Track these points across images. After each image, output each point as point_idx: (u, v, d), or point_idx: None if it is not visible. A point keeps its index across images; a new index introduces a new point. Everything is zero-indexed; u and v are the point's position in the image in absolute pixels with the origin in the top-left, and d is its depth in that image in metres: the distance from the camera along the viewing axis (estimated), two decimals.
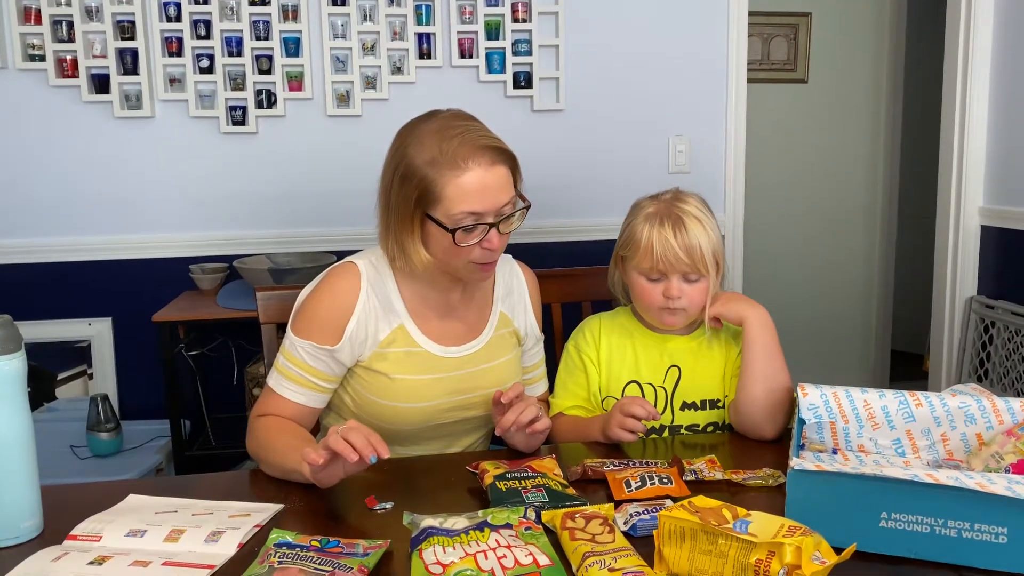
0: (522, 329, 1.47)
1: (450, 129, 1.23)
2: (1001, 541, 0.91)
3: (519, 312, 1.47)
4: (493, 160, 1.23)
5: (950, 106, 2.74)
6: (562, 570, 0.89)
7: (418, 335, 1.34)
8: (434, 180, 1.21)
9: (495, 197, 1.23)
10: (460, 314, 1.39)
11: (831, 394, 1.19)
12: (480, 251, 1.26)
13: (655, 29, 2.80)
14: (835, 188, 3.94)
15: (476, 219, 1.23)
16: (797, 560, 0.81)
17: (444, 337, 1.36)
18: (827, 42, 3.83)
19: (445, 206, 1.22)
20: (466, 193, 1.21)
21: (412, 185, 1.22)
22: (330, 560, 0.90)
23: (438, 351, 1.35)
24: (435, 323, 1.36)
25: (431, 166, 1.21)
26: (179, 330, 2.44)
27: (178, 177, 2.64)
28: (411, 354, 1.34)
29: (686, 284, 1.39)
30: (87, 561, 0.95)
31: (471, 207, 1.21)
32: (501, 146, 1.25)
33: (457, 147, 1.20)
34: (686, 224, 1.37)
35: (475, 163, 1.21)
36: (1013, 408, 1.13)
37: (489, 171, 1.22)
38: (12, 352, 1.00)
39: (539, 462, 1.19)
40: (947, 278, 2.80)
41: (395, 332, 1.33)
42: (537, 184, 2.74)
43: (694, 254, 1.36)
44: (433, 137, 1.22)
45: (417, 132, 1.25)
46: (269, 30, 2.60)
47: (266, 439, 1.26)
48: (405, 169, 1.23)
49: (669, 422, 1.45)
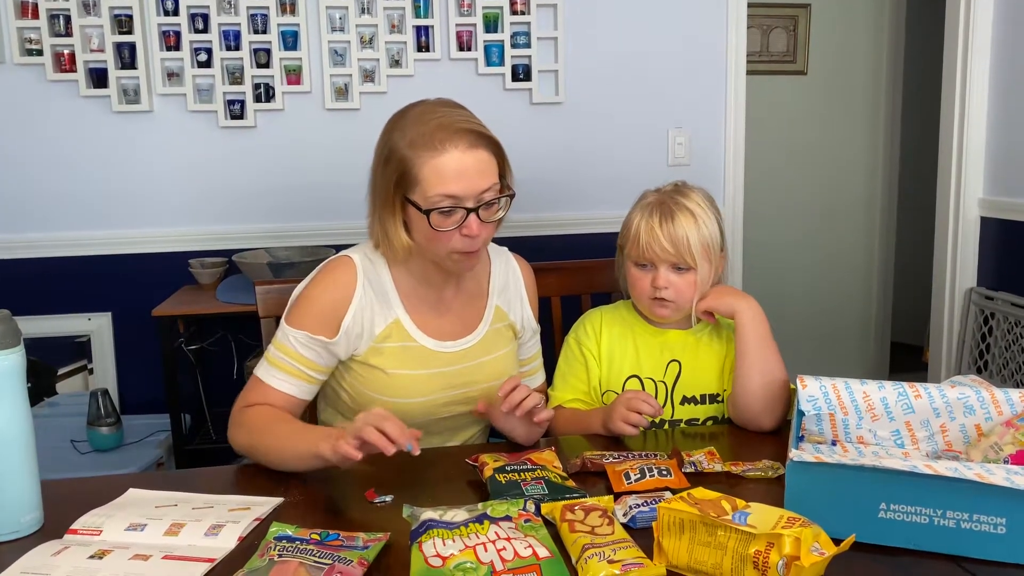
0: (518, 323, 1.47)
1: (431, 113, 1.23)
2: (1000, 532, 0.91)
3: (515, 306, 1.47)
4: (472, 143, 1.21)
5: (950, 97, 2.74)
6: (561, 562, 0.89)
7: (413, 330, 1.34)
8: (412, 162, 1.21)
9: (473, 181, 1.21)
10: (455, 309, 1.39)
11: (830, 386, 1.19)
12: (460, 238, 1.24)
13: (654, 21, 2.79)
14: (835, 180, 3.93)
15: (454, 203, 1.21)
16: (796, 551, 0.82)
17: (439, 332, 1.36)
18: (826, 34, 3.82)
19: (422, 188, 1.21)
20: (442, 175, 1.20)
21: (392, 167, 1.23)
22: (330, 553, 0.90)
23: (434, 346, 1.35)
24: (430, 318, 1.36)
25: (410, 148, 1.21)
26: (179, 324, 2.43)
27: (177, 171, 2.64)
28: (407, 349, 1.33)
29: (674, 275, 1.40)
30: (87, 555, 0.95)
31: (447, 190, 1.20)
32: (482, 130, 1.24)
33: (435, 129, 1.20)
34: (675, 215, 1.39)
35: (452, 145, 1.20)
36: (1012, 399, 1.13)
37: (467, 154, 1.21)
38: (11, 347, 1.00)
39: (538, 455, 1.19)
40: (947, 269, 2.80)
41: (391, 326, 1.33)
42: (536, 177, 2.78)
43: (679, 244, 1.38)
44: (415, 121, 1.23)
45: (403, 117, 1.26)
46: (267, 23, 2.59)
47: (263, 426, 1.24)
48: (388, 152, 1.24)
49: (669, 416, 1.45)
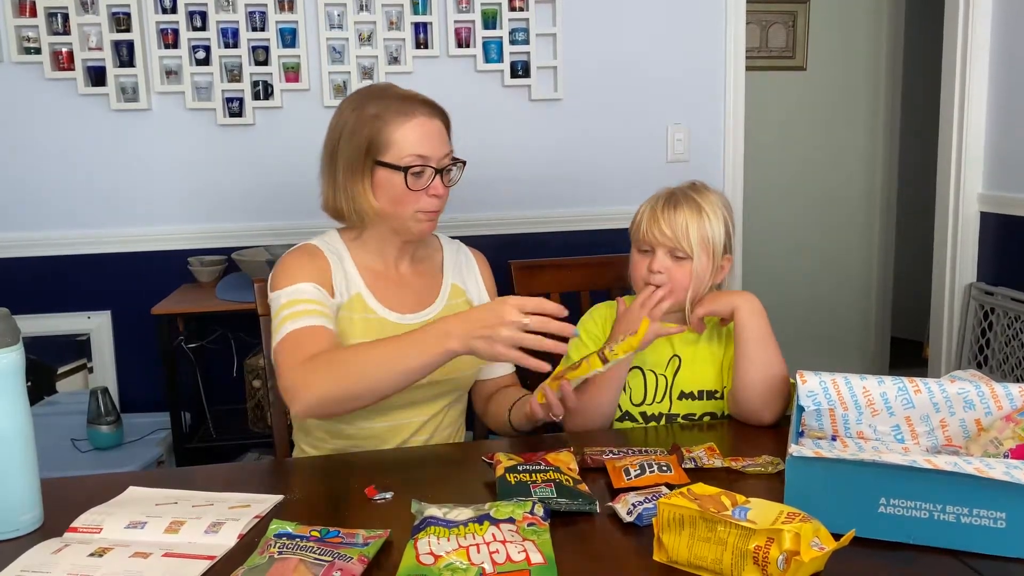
0: (476, 301, 1.51)
1: (388, 91, 1.37)
2: (1000, 526, 0.91)
3: (471, 286, 1.53)
4: (431, 113, 1.36)
5: (949, 92, 2.74)
6: (554, 570, 0.88)
7: (374, 302, 1.40)
8: (381, 128, 1.32)
9: (438, 145, 1.35)
10: (411, 285, 1.45)
11: (830, 381, 1.19)
12: (427, 199, 1.35)
13: (653, 17, 2.78)
14: (834, 175, 3.93)
15: (423, 162, 1.33)
16: (796, 546, 0.82)
17: (400, 305, 1.42)
18: (826, 29, 3.81)
19: (395, 150, 1.33)
20: (414, 136, 1.33)
21: (362, 136, 1.33)
22: (330, 550, 0.90)
23: (394, 318, 1.40)
24: (390, 292, 1.42)
25: (377, 119, 1.33)
26: (178, 323, 2.43)
27: (176, 170, 2.64)
28: (368, 320, 1.38)
29: (670, 262, 1.42)
30: (87, 553, 0.95)
31: (418, 150, 1.33)
32: (436, 104, 1.39)
33: (401, 101, 1.35)
34: (680, 204, 1.43)
35: (419, 111, 1.34)
36: (1012, 394, 1.13)
37: (430, 120, 1.35)
38: (9, 345, 1.00)
39: (555, 455, 1.16)
40: (946, 265, 2.80)
41: (352, 299, 1.39)
42: (535, 173, 2.78)
43: (677, 229, 1.40)
44: (373, 98, 1.35)
45: (353, 101, 1.37)
46: (265, 21, 2.58)
47: (353, 356, 1.20)
48: (353, 127, 1.34)
49: (667, 411, 1.45)
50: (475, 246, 1.60)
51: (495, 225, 2.72)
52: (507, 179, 2.74)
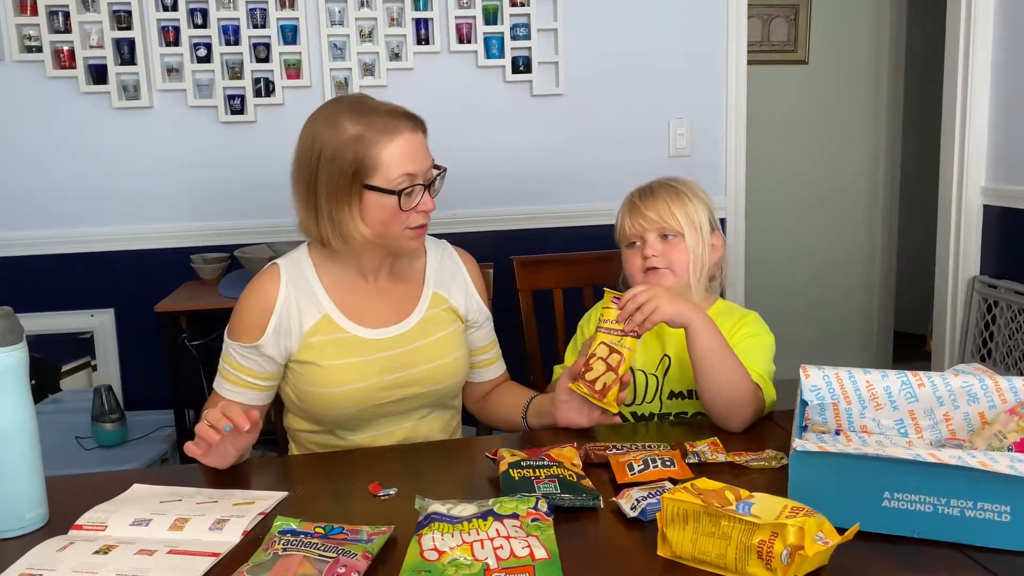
0: (462, 307, 1.47)
1: (364, 107, 1.30)
2: (1004, 520, 0.91)
3: (457, 291, 1.47)
4: (413, 127, 1.31)
5: (952, 85, 2.73)
6: (558, 565, 0.88)
7: (343, 321, 1.36)
8: (367, 150, 1.26)
9: (424, 160, 1.31)
10: (388, 296, 1.41)
11: (833, 375, 1.19)
12: (416, 215, 1.31)
13: (654, 12, 2.78)
14: (837, 169, 3.92)
15: (412, 180, 1.29)
16: (800, 541, 0.82)
17: (372, 320, 1.38)
18: (827, 22, 3.80)
19: (384, 172, 1.27)
20: (402, 155, 1.27)
21: (345, 160, 1.26)
22: (334, 547, 0.91)
23: (366, 334, 1.37)
24: (362, 307, 1.38)
25: (359, 141, 1.26)
26: (181, 320, 2.44)
27: (178, 167, 2.64)
28: (337, 340, 1.35)
29: (663, 243, 1.42)
30: (92, 551, 0.95)
31: (408, 169, 1.28)
32: (416, 115, 1.33)
33: (383, 119, 1.28)
34: (655, 190, 1.45)
35: (402, 127, 1.28)
36: (1016, 387, 1.13)
37: (414, 135, 1.30)
38: (13, 344, 1.01)
39: (559, 451, 1.16)
40: (950, 258, 2.79)
41: (319, 322, 1.35)
42: (536, 169, 2.78)
43: (661, 211, 1.41)
44: (349, 117, 1.27)
45: (327, 118, 1.30)
46: (266, 18, 2.58)
47: None
48: (332, 151, 1.26)
49: (658, 411, 1.46)
50: (476, 242, 1.60)
51: (497, 221, 2.72)
52: (508, 175, 2.74)
